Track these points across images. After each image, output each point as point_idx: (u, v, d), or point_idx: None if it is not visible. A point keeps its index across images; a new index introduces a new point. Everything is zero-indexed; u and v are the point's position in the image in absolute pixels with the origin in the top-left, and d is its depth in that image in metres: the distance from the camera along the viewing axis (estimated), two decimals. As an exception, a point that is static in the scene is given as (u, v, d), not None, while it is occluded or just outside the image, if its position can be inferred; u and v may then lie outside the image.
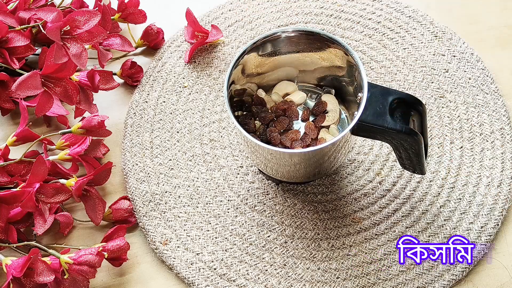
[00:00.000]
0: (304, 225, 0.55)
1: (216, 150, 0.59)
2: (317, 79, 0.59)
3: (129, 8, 0.64)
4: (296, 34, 0.54)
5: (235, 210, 0.56)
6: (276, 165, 0.52)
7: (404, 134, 0.47)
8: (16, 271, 0.47)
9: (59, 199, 0.51)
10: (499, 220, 0.55)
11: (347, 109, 0.58)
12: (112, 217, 0.55)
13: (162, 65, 0.65)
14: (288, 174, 0.54)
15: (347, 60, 0.53)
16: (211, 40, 0.64)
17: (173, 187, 0.57)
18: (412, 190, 0.56)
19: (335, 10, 0.68)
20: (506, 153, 0.58)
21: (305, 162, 0.52)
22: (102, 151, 0.58)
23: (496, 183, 0.56)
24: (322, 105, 0.57)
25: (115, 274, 0.54)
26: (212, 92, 0.63)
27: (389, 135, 0.48)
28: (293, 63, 0.57)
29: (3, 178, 0.53)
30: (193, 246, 0.54)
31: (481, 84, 0.62)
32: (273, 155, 0.51)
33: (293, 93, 0.59)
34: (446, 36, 0.65)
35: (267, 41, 0.53)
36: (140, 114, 0.62)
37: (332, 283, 0.52)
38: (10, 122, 0.62)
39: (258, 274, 0.53)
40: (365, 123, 0.48)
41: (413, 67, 0.63)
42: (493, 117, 0.60)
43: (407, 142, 0.48)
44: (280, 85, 0.59)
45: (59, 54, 0.52)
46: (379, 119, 0.48)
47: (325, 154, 0.51)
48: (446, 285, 0.52)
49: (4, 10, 0.58)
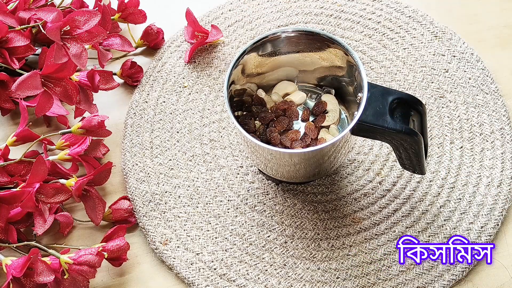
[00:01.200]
0: (304, 225, 0.55)
1: (216, 150, 0.59)
2: (317, 79, 0.59)
3: (129, 8, 0.64)
4: (296, 34, 0.54)
5: (235, 210, 0.56)
6: (276, 165, 0.52)
7: (404, 134, 0.47)
8: (16, 271, 0.47)
9: (59, 199, 0.51)
10: (499, 220, 0.55)
11: (347, 109, 0.58)
12: (112, 217, 0.55)
13: (162, 65, 0.65)
14: (288, 174, 0.54)
15: (347, 60, 0.53)
16: (211, 40, 0.64)
17: (173, 187, 0.57)
18: (412, 190, 0.56)
19: (335, 10, 0.68)
20: (506, 153, 0.58)
21: (305, 162, 0.52)
22: (102, 151, 0.58)
23: (496, 183, 0.56)
24: (322, 105, 0.57)
25: (115, 274, 0.54)
26: (212, 92, 0.63)
27: (389, 135, 0.48)
28: (293, 63, 0.57)
29: (3, 178, 0.53)
30: (193, 246, 0.54)
31: (481, 84, 0.62)
32: (273, 155, 0.50)
33: (293, 93, 0.59)
34: (446, 36, 0.65)
35: (267, 41, 0.53)
36: (140, 114, 0.62)
37: (332, 283, 0.52)
38: (10, 122, 0.62)
39: (258, 274, 0.53)
40: (365, 123, 0.48)
41: (413, 67, 0.63)
42: (493, 117, 0.60)
43: (407, 142, 0.48)
44: (280, 85, 0.59)
45: (59, 54, 0.52)
46: (379, 119, 0.48)
47: (325, 154, 0.51)
48: (446, 285, 0.52)
49: (4, 10, 0.58)
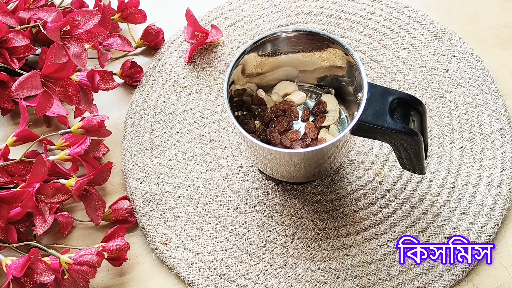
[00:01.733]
0: (304, 225, 0.55)
1: (216, 150, 0.59)
2: (317, 79, 0.59)
3: (129, 8, 0.64)
4: (296, 34, 0.54)
5: (235, 210, 0.56)
6: (276, 165, 0.52)
7: (404, 134, 0.47)
8: (16, 271, 0.47)
9: (59, 199, 0.51)
10: (499, 220, 0.55)
11: (347, 109, 0.58)
12: (112, 217, 0.55)
13: (162, 65, 0.65)
14: (288, 174, 0.54)
15: (347, 60, 0.53)
16: (211, 40, 0.64)
17: (173, 187, 0.57)
18: (412, 190, 0.56)
19: (335, 10, 0.68)
20: (506, 153, 0.58)
21: (305, 162, 0.52)
22: (102, 151, 0.58)
23: (496, 183, 0.56)
24: (322, 105, 0.57)
25: (115, 274, 0.54)
26: (212, 92, 0.63)
27: (389, 135, 0.49)
28: (293, 63, 0.57)
29: (3, 178, 0.53)
30: (193, 246, 0.54)
31: (481, 84, 0.62)
32: (273, 155, 0.50)
33: (293, 93, 0.59)
34: (446, 36, 0.65)
35: (267, 41, 0.53)
36: (140, 114, 0.62)
37: (332, 283, 0.52)
38: (10, 122, 0.62)
39: (258, 274, 0.53)
40: (365, 123, 0.48)
41: (413, 67, 0.63)
42: (493, 117, 0.60)
43: (407, 142, 0.48)
44: (280, 85, 0.59)
45: (59, 54, 0.52)
46: (379, 119, 0.48)
47: (325, 154, 0.51)
48: (446, 285, 0.52)
49: (4, 10, 0.58)
